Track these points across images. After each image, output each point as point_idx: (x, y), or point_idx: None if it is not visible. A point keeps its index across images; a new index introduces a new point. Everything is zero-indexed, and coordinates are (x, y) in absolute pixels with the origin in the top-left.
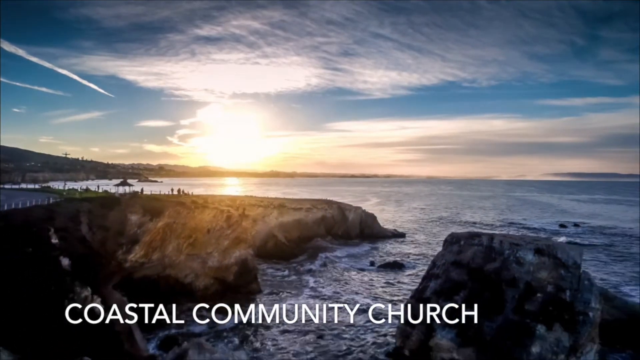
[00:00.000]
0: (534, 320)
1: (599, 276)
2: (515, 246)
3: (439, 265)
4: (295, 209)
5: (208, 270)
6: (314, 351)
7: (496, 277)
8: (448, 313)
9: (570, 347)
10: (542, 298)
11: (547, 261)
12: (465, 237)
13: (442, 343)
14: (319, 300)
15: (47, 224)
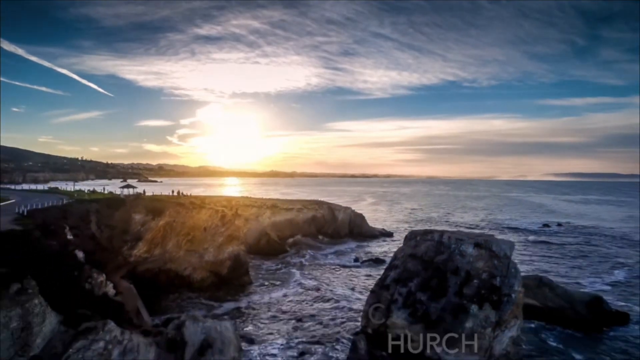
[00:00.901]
0: (469, 302)
1: (562, 270)
2: (459, 241)
3: (399, 257)
4: (287, 209)
5: (204, 264)
6: (293, 331)
7: (443, 267)
8: (403, 297)
9: (496, 322)
10: (478, 283)
11: (484, 253)
12: (420, 233)
13: (397, 322)
14: (302, 291)
15: (62, 223)
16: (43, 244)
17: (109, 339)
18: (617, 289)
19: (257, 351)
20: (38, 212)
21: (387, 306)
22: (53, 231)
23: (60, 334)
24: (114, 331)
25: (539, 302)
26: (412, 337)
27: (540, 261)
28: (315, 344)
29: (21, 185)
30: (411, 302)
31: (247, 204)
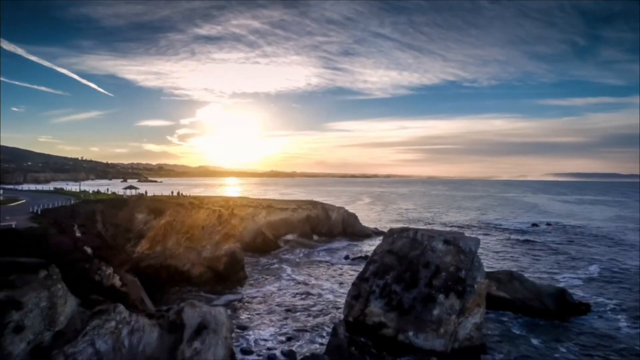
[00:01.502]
0: (437, 292)
1: (541, 267)
2: (431, 238)
3: (378, 253)
4: (281, 209)
5: (202, 261)
6: (283, 320)
7: (416, 261)
8: (380, 288)
9: (460, 310)
10: (445, 276)
11: (452, 249)
12: (398, 231)
13: (374, 310)
14: (293, 285)
15: (71, 221)
16: (58, 240)
17: (119, 320)
18: (587, 283)
19: (251, 336)
20: (50, 212)
21: (366, 297)
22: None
23: (79, 314)
24: (123, 313)
25: (509, 295)
26: (387, 323)
27: (520, 258)
28: (302, 331)
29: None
30: (387, 292)
31: (243, 204)
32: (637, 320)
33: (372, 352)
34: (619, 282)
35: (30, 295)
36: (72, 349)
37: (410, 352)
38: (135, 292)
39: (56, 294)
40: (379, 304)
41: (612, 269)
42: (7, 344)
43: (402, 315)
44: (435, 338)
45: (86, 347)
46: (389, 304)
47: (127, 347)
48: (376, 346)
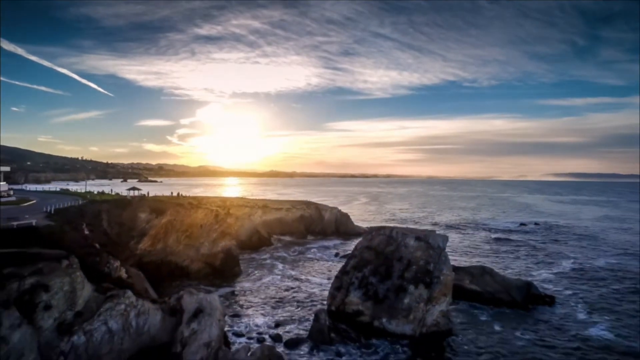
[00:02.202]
0: (408, 283)
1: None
2: (404, 235)
3: (358, 249)
4: (276, 209)
5: (200, 257)
6: (273, 309)
7: (391, 256)
8: (359, 280)
9: (428, 298)
10: (415, 269)
11: (422, 245)
12: (376, 229)
13: (353, 300)
14: (285, 279)
15: (80, 220)
16: (72, 236)
17: (127, 303)
18: (558, 279)
19: (243, 323)
20: (61, 211)
21: (347, 288)
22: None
23: (94, 298)
24: (131, 298)
25: (480, 288)
26: (364, 311)
27: (500, 255)
28: (290, 319)
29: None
30: (364, 284)
31: (240, 204)
32: (594, 310)
33: (350, 336)
34: (587, 278)
35: (56, 280)
36: (89, 327)
37: (383, 336)
38: (140, 283)
39: (76, 280)
40: (358, 294)
41: (584, 266)
42: (39, 319)
43: (377, 304)
44: (405, 324)
45: (100, 326)
46: (366, 294)
47: (134, 327)
48: (354, 331)
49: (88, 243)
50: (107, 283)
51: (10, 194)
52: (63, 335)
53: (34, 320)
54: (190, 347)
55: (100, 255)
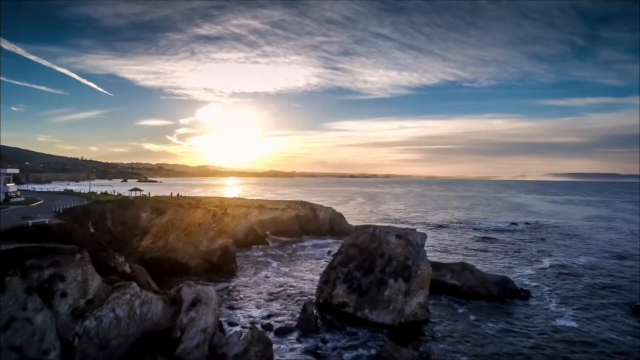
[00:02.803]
0: (388, 277)
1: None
2: (387, 233)
3: (344, 246)
4: (272, 209)
5: (199, 254)
6: (266, 302)
7: (374, 252)
8: (344, 275)
9: (406, 291)
10: (396, 264)
11: (402, 242)
12: (361, 228)
13: (339, 292)
14: (278, 274)
15: (87, 219)
16: (81, 234)
17: (133, 293)
18: (537, 274)
19: (238, 314)
20: (69, 211)
21: (333, 282)
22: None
23: (103, 288)
24: (135, 289)
25: (459, 283)
26: (349, 303)
27: (486, 253)
28: (281, 310)
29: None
30: (349, 278)
31: (237, 204)
32: (565, 303)
33: (335, 325)
34: (564, 274)
35: (70, 271)
36: (99, 313)
37: (366, 325)
38: (143, 277)
39: (87, 272)
40: (343, 287)
41: (564, 263)
42: (56, 305)
43: (360, 296)
44: (385, 314)
45: (109, 312)
46: (351, 287)
47: (138, 315)
48: (339, 321)
49: (95, 240)
50: (113, 276)
51: (18, 195)
52: (77, 320)
53: (52, 306)
54: (188, 332)
55: (107, 251)
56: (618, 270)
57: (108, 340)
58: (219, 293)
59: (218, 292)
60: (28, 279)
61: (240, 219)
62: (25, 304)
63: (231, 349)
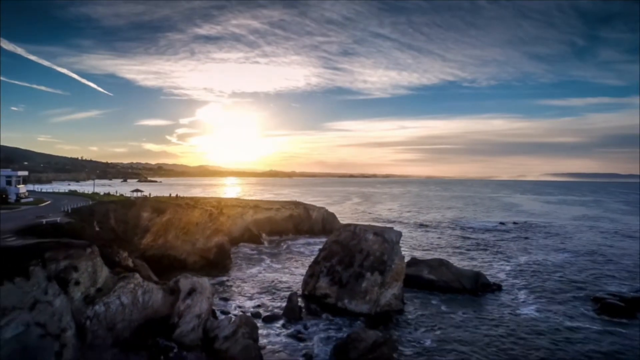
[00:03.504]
0: (366, 270)
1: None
2: (365, 231)
3: (328, 242)
4: (267, 209)
5: (196, 251)
6: (257, 294)
7: (354, 249)
8: (327, 269)
9: (381, 283)
10: (372, 259)
11: (379, 239)
12: (344, 226)
13: (322, 285)
14: (270, 270)
15: (92, 218)
16: (89, 231)
17: (136, 283)
18: (512, 270)
19: (231, 304)
20: (76, 211)
21: (317, 275)
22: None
23: (110, 278)
24: (138, 279)
25: (436, 277)
26: (330, 294)
27: (468, 251)
28: (271, 301)
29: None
30: (332, 272)
31: (234, 204)
32: (532, 296)
33: (318, 314)
34: (538, 270)
35: (82, 263)
36: (107, 300)
37: (345, 314)
38: (145, 271)
39: (97, 264)
40: (326, 280)
41: (539, 260)
42: (71, 292)
43: (341, 288)
44: (363, 304)
45: (115, 300)
46: (332, 280)
47: (141, 302)
48: (322, 311)
49: (101, 237)
50: (118, 268)
51: (27, 195)
52: (88, 305)
53: (67, 292)
54: (184, 317)
55: (112, 247)
56: (588, 266)
57: (114, 323)
58: (215, 286)
59: (214, 285)
60: (47, 268)
61: (236, 219)
62: (46, 289)
63: (222, 331)
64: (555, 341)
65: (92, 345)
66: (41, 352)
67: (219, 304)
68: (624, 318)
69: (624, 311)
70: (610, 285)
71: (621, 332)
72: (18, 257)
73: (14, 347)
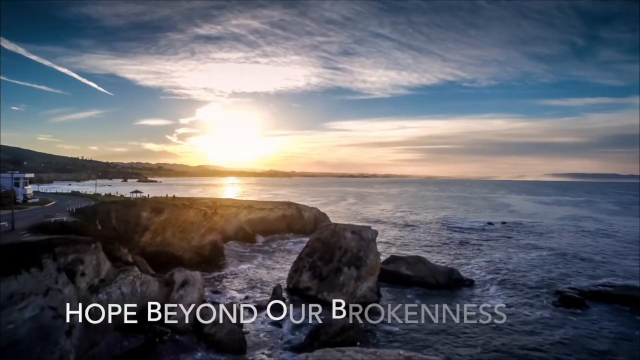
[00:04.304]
0: (344, 266)
1: (464, 254)
2: (344, 229)
3: (311, 240)
4: (260, 209)
5: (192, 248)
6: (246, 287)
7: (334, 245)
8: (309, 264)
9: (357, 277)
10: (350, 255)
11: (356, 237)
12: (326, 225)
13: (304, 279)
14: (261, 266)
15: (94, 218)
16: (93, 229)
17: (135, 275)
18: (486, 267)
19: (222, 296)
20: (80, 210)
21: (301, 270)
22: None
23: (112, 270)
24: (137, 272)
25: (413, 273)
26: (312, 287)
27: (450, 249)
28: (258, 293)
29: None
30: (313, 266)
31: (229, 205)
32: (501, 290)
33: (299, 304)
34: (511, 267)
35: (88, 257)
36: (109, 289)
37: (324, 305)
38: (143, 265)
39: (100, 258)
40: (308, 274)
41: (515, 258)
42: (78, 282)
43: (321, 281)
44: (340, 296)
45: (116, 289)
46: (314, 274)
47: (139, 292)
48: (304, 302)
49: (103, 235)
50: (119, 263)
51: (33, 196)
52: (92, 293)
53: (75, 282)
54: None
55: (114, 243)
56: (559, 263)
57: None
58: (209, 280)
59: (207, 279)
60: (57, 261)
61: (230, 218)
62: (56, 279)
63: (210, 317)
64: (513, 329)
65: (96, 327)
66: (54, 331)
67: (211, 296)
68: (577, 309)
69: (578, 302)
70: (575, 280)
71: (572, 320)
72: (32, 251)
73: (32, 326)
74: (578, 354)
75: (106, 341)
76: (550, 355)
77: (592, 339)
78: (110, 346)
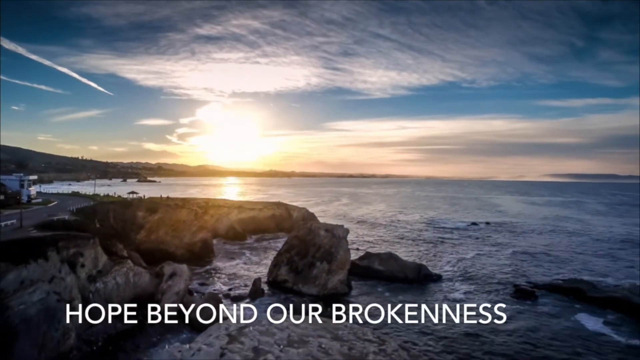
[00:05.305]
0: (317, 260)
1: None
2: (319, 228)
3: (290, 237)
4: (250, 209)
5: (184, 245)
6: (231, 281)
7: (309, 242)
8: (287, 259)
9: (328, 270)
10: (323, 251)
11: (329, 235)
12: (303, 224)
13: (282, 272)
14: (248, 262)
15: (93, 217)
16: (92, 227)
17: (128, 267)
18: (456, 263)
19: (208, 287)
20: (80, 210)
21: (280, 265)
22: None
23: (108, 263)
24: (130, 264)
25: (384, 268)
26: (289, 280)
27: (427, 247)
28: (241, 285)
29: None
30: (290, 261)
31: (220, 205)
32: (465, 284)
33: (277, 295)
34: (479, 263)
35: (87, 251)
36: (105, 279)
37: (299, 295)
38: (136, 260)
39: (98, 252)
40: (285, 268)
41: (485, 255)
42: (78, 272)
43: (297, 275)
44: (313, 287)
45: (111, 280)
46: (291, 268)
47: (132, 282)
48: (281, 293)
49: (101, 233)
50: (115, 257)
51: (36, 196)
52: (91, 282)
53: (75, 272)
54: (166, 294)
55: (110, 240)
56: (527, 260)
57: (112, 298)
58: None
59: (196, 273)
60: (60, 254)
61: (222, 218)
62: (60, 269)
63: (194, 304)
64: (471, 318)
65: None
66: (58, 312)
67: (198, 288)
68: (528, 300)
69: (530, 295)
70: (535, 275)
71: (525, 309)
72: (39, 244)
73: (40, 307)
74: (521, 337)
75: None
76: (498, 338)
77: (536, 325)
78: (106, 326)
